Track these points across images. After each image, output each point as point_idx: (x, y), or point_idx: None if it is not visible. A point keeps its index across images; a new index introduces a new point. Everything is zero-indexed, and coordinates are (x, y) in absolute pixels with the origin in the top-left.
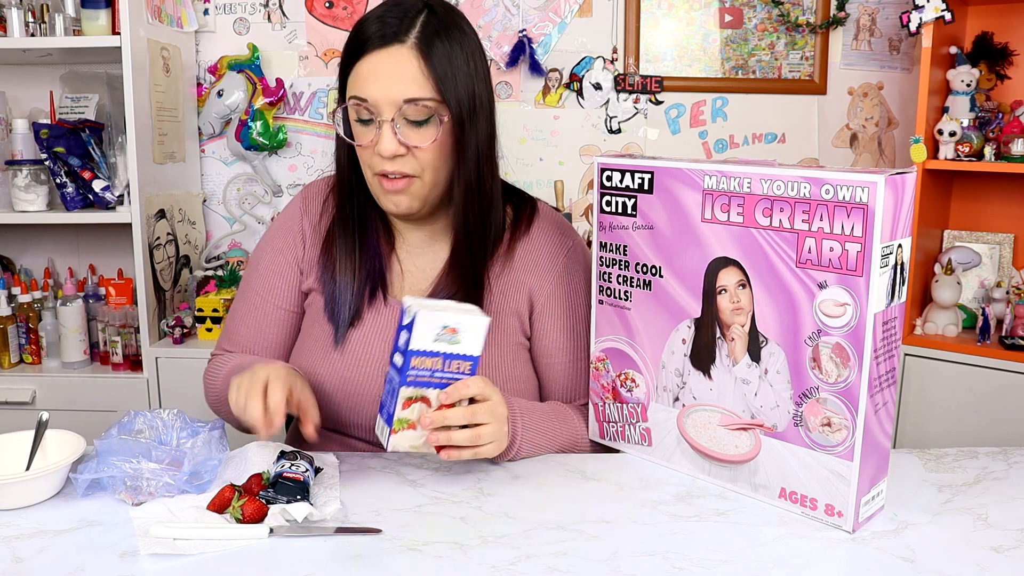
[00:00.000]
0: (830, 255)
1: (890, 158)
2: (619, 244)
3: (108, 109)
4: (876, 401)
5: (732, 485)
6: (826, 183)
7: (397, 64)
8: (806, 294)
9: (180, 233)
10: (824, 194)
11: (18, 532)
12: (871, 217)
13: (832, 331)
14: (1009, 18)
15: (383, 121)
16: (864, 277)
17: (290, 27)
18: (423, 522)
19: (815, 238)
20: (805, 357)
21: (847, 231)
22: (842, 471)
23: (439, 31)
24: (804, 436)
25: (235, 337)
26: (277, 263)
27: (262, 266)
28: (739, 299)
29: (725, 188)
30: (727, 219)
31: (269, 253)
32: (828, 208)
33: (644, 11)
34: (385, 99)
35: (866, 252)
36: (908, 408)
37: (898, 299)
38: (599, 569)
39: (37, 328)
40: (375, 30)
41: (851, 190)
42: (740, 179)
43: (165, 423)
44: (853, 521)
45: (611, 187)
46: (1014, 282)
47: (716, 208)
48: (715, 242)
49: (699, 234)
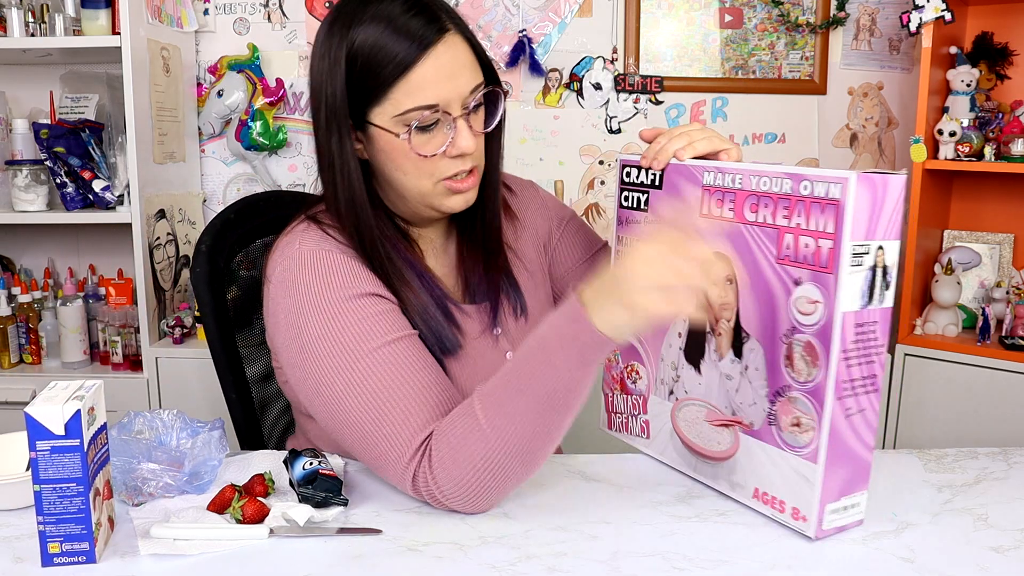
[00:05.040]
0: (805, 251)
1: (890, 158)
2: (633, 239)
3: (108, 109)
4: (847, 405)
5: (713, 482)
6: (804, 179)
7: (456, 55)
8: (783, 290)
9: (180, 233)
10: (802, 190)
11: (18, 532)
12: (841, 213)
13: (804, 328)
14: (1009, 18)
15: (456, 118)
16: (834, 275)
17: (290, 27)
18: (423, 522)
19: (793, 234)
20: (780, 354)
21: (821, 227)
22: (807, 473)
23: (449, 6)
24: (776, 436)
25: (419, 402)
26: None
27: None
28: (727, 294)
29: (721, 184)
30: (720, 215)
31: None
32: (805, 204)
33: (644, 11)
34: (456, 95)
35: (837, 249)
36: (908, 408)
37: (879, 303)
38: (599, 569)
39: (37, 328)
40: (418, 26)
41: (825, 186)
42: (734, 175)
43: (165, 423)
44: (816, 527)
45: (630, 183)
46: (1014, 282)
47: (712, 204)
48: (709, 237)
49: (697, 229)
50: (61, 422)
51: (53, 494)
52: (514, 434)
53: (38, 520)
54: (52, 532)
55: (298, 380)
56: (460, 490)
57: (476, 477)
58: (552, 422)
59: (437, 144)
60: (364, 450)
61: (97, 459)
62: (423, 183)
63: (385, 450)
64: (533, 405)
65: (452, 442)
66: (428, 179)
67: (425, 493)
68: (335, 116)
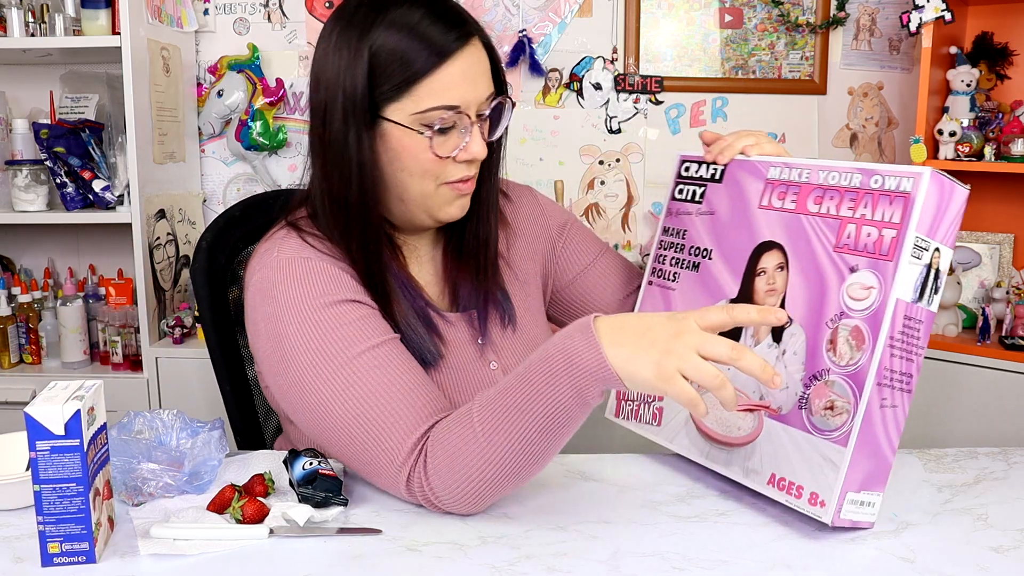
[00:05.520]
0: (867, 240)
1: (890, 158)
2: (680, 229)
3: (108, 109)
4: (884, 395)
5: (726, 469)
6: (876, 174)
7: (480, 60)
8: (837, 277)
9: (180, 233)
10: (873, 184)
11: (18, 532)
12: (910, 205)
13: (854, 313)
14: (1009, 18)
15: (472, 123)
16: (894, 262)
17: (290, 27)
18: (423, 522)
19: (856, 224)
20: (823, 339)
21: (887, 218)
22: (834, 457)
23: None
24: (805, 419)
25: (406, 405)
26: (355, 308)
27: (348, 319)
28: (775, 281)
29: (786, 178)
30: (781, 206)
31: (335, 310)
32: (873, 196)
33: (644, 11)
34: (475, 99)
35: (900, 238)
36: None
37: (927, 304)
38: (599, 569)
39: (37, 328)
40: (448, 28)
41: (897, 180)
42: (801, 170)
43: (165, 423)
44: (834, 514)
45: (687, 177)
46: (1014, 282)
47: (774, 196)
48: (764, 226)
49: (752, 219)
50: (61, 422)
51: (53, 494)
52: (510, 451)
53: (38, 520)
54: (52, 532)
55: (281, 388)
56: (455, 495)
57: (471, 485)
58: (550, 441)
59: (451, 147)
60: (354, 455)
61: (97, 459)
62: (427, 184)
63: (376, 455)
64: (536, 424)
65: (449, 449)
66: (432, 181)
67: (420, 496)
68: (354, 109)
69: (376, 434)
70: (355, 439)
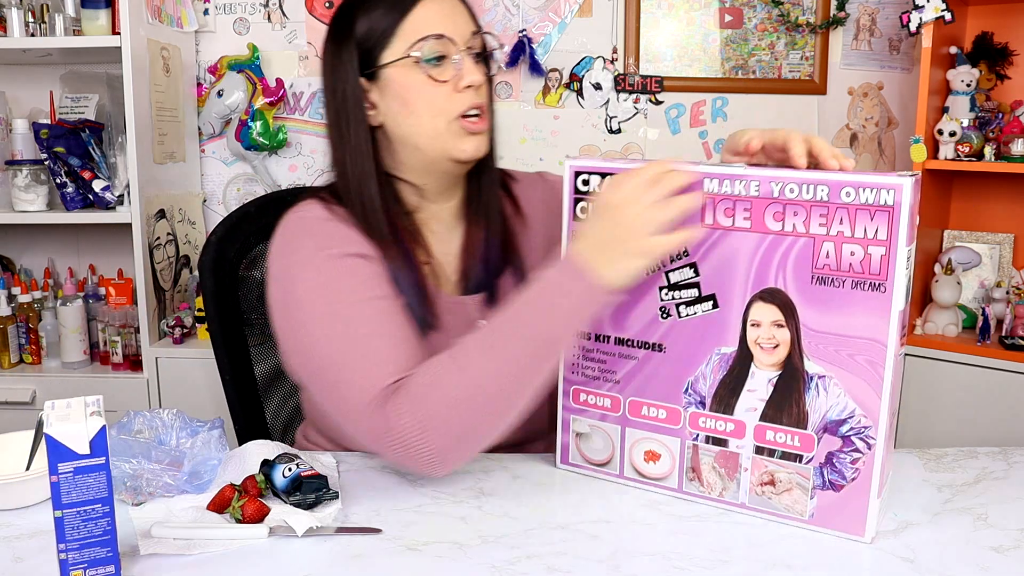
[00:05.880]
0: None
1: (890, 158)
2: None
3: (108, 109)
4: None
5: None
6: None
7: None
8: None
9: (180, 233)
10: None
11: (18, 532)
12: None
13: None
14: (1009, 18)
15: (461, 52)
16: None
17: (290, 27)
18: (423, 522)
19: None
20: None
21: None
22: None
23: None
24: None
25: (399, 351)
26: (368, 263)
27: (359, 272)
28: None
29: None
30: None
31: (349, 261)
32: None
33: (644, 11)
34: (457, 31)
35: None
36: (908, 408)
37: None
38: (599, 569)
39: (37, 328)
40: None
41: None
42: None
43: (165, 423)
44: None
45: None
46: (1014, 282)
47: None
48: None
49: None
50: (86, 440)
51: (77, 519)
52: (496, 373)
53: (59, 548)
54: (76, 559)
55: (285, 333)
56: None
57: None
58: (535, 370)
59: (447, 75)
60: (333, 374)
61: None
62: (438, 122)
63: (355, 375)
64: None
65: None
66: (442, 117)
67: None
68: (348, 58)
69: (362, 355)
70: (338, 359)
